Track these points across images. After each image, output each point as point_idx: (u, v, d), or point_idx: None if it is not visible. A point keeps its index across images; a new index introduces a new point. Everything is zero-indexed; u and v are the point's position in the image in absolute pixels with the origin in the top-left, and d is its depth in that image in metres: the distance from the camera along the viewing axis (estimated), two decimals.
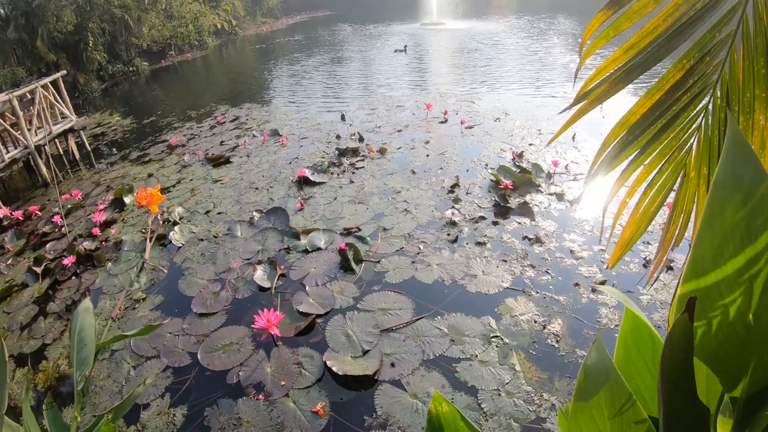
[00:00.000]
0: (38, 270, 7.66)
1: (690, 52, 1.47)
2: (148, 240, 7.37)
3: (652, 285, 5.32)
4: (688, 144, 1.56)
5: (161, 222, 7.98)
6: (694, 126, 1.54)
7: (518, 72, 17.34)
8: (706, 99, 1.52)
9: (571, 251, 6.30)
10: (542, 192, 7.97)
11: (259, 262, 6.77)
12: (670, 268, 5.65)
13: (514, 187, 8.04)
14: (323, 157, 10.33)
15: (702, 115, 1.53)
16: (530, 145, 10.04)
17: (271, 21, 49.45)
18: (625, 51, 1.49)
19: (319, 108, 14.66)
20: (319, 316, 5.62)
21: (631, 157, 1.57)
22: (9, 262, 8.38)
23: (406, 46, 22.98)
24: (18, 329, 6.49)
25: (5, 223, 10.03)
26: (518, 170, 8.68)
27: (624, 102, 8.88)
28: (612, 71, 1.53)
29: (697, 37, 1.46)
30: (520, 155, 9.37)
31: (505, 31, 28.62)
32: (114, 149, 14.05)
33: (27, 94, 12.63)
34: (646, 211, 1.68)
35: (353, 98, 15.51)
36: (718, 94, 1.49)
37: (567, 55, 19.72)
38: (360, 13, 48.03)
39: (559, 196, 7.77)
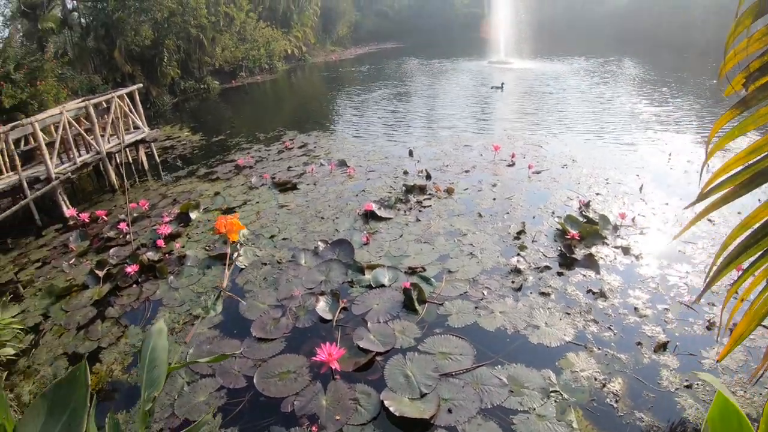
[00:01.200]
0: (100, 273, 7.95)
1: None
2: (226, 268, 7.52)
3: (754, 383, 5.09)
4: None
5: (240, 252, 8.12)
6: None
7: (585, 116, 17.25)
8: None
9: (635, 308, 6.16)
10: (608, 245, 7.84)
11: (322, 293, 6.83)
12: None
13: (580, 238, 7.92)
14: (390, 193, 10.43)
15: None
16: (597, 194, 9.91)
17: (340, 50, 50.79)
18: (748, 154, 1.49)
19: (386, 141, 14.87)
20: (379, 353, 5.60)
21: (752, 259, 1.56)
22: (72, 262, 8.73)
23: (503, 84, 23.09)
24: (75, 328, 6.72)
25: (71, 223, 10.48)
26: (585, 220, 8.56)
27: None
28: (735, 171, 1.52)
29: None
30: (587, 204, 9.25)
31: (572, 73, 28.64)
32: (182, 163, 14.60)
33: (103, 102, 13.27)
34: (759, 311, 1.66)
35: (420, 134, 15.68)
36: None
37: (634, 101, 19.53)
38: (427, 47, 48.83)
39: (625, 250, 7.62)
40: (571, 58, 35.89)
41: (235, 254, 8.01)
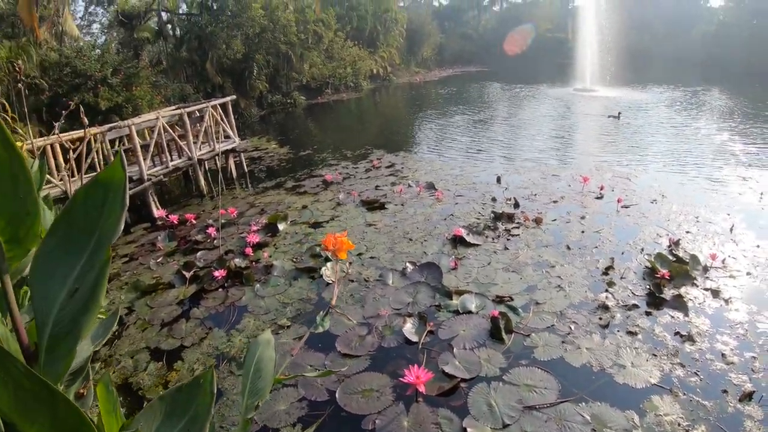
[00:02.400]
0: (187, 274, 8.23)
1: None
2: (335, 285, 7.57)
3: None
4: None
5: (348, 270, 8.21)
6: None
7: (673, 149, 16.73)
8: None
9: (723, 354, 5.87)
10: (698, 286, 7.51)
11: (409, 315, 6.82)
12: None
13: (669, 278, 7.63)
14: (478, 219, 10.36)
15: None
16: (687, 232, 9.52)
17: (424, 71, 51.44)
18: None
19: (472, 167, 14.83)
20: (463, 380, 5.54)
21: None
22: (159, 260, 9.11)
23: (620, 113, 22.86)
24: (159, 325, 6.97)
25: (159, 223, 10.93)
26: (674, 259, 8.25)
27: None
28: None
29: None
30: (677, 243, 8.90)
31: (659, 102, 27.90)
32: (269, 175, 15.06)
33: (197, 111, 13.84)
34: None
35: (507, 161, 15.58)
36: None
37: (723, 135, 18.73)
38: (510, 72, 48.70)
39: (715, 293, 7.28)
40: (656, 86, 35.14)
41: (344, 272, 8.12)
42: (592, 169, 13.95)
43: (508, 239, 9.32)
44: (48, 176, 9.09)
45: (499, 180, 13.01)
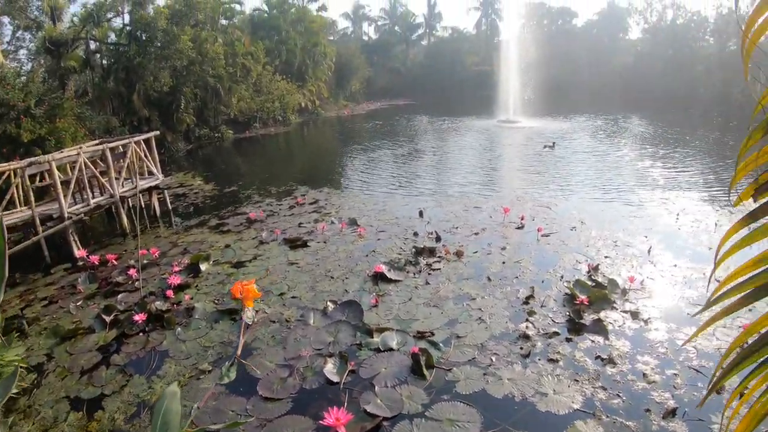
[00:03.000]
0: (107, 319, 8.05)
1: None
2: (241, 336, 7.44)
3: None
4: None
5: (255, 319, 8.12)
6: None
7: (594, 176, 17.64)
8: None
9: (644, 374, 6.21)
10: (617, 309, 7.91)
11: (330, 355, 6.88)
12: None
13: (589, 303, 7.99)
14: (400, 254, 10.53)
15: None
16: (606, 257, 10.02)
17: (353, 105, 52.00)
18: (756, 263, 1.57)
19: (396, 201, 15.10)
20: (386, 418, 5.63)
21: (753, 366, 1.68)
22: (79, 304, 8.87)
23: (554, 143, 23.69)
24: (78, 372, 6.79)
25: (80, 264, 10.64)
26: (593, 284, 8.65)
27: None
28: (742, 280, 1.60)
29: None
30: (596, 268, 9.34)
31: (580, 131, 29.34)
32: (194, 212, 14.89)
33: (120, 146, 13.57)
34: (759, 411, 1.76)
35: (430, 194, 15.92)
36: None
37: (641, 160, 19.98)
38: (437, 104, 50.04)
39: (634, 315, 7.69)
40: (578, 115, 36.90)
41: (251, 322, 8.04)
42: (513, 200, 14.44)
43: (429, 274, 9.52)
44: None
45: (421, 214, 13.27)
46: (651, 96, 43.29)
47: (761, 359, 1.62)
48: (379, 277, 9.27)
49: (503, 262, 9.97)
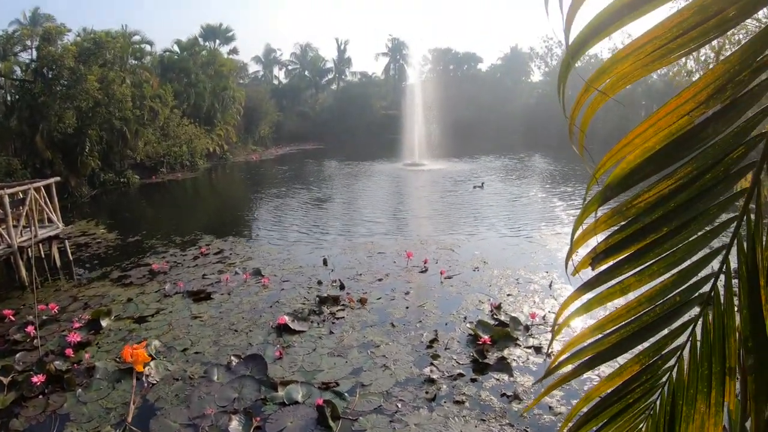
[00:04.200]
0: (4, 381, 7.69)
1: (646, 351, 1.73)
2: (131, 402, 7.26)
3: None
4: None
5: (146, 384, 7.77)
6: (644, 416, 1.81)
7: (496, 216, 18.38)
8: (656, 396, 1.76)
9: (550, 407, 6.54)
10: (520, 345, 8.28)
11: (235, 411, 6.91)
12: None
13: (492, 342, 8.30)
14: (304, 304, 10.61)
15: (650, 409, 1.78)
16: (508, 295, 10.47)
17: (262, 149, 51.67)
18: (592, 331, 1.69)
19: (301, 248, 15.18)
20: None
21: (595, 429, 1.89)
22: None
23: (483, 183, 24.42)
24: None
25: None
26: (496, 323, 9.03)
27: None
28: (580, 347, 1.74)
29: (655, 340, 1.85)
30: (498, 307, 9.74)
31: (483, 171, 30.50)
32: (96, 263, 14.35)
33: (20, 192, 12.96)
34: None
35: (336, 240, 16.07)
36: (666, 392, 1.73)
37: (542, 197, 21.21)
38: (346, 149, 50.73)
39: (537, 349, 8.09)
40: (482, 156, 38.34)
41: (146, 368, 7.91)
42: (417, 243, 14.79)
43: (333, 323, 9.66)
44: None
45: (325, 262, 13.39)
46: (552, 134, 45.73)
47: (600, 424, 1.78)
48: (283, 329, 9.34)
49: (407, 307, 10.21)
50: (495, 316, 9.49)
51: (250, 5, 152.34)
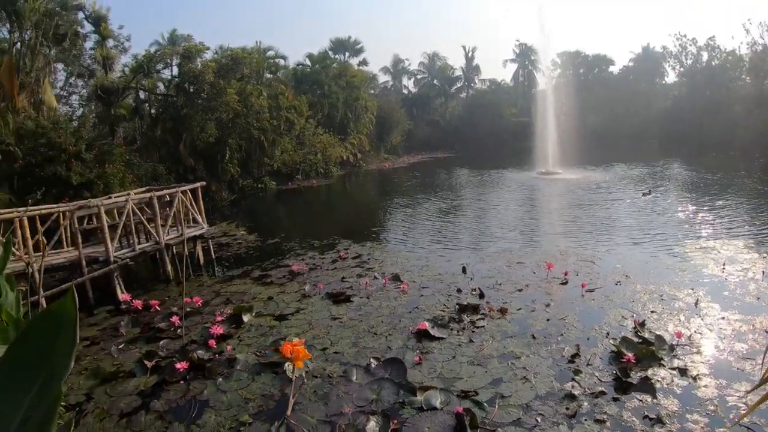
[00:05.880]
0: (149, 364, 8.19)
1: None
2: (291, 396, 7.35)
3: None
4: None
5: (305, 380, 7.90)
6: None
7: (636, 228, 17.44)
8: None
9: None
10: (665, 366, 7.69)
11: (373, 413, 6.82)
12: None
13: (636, 361, 7.78)
14: (443, 311, 10.43)
15: None
16: (652, 312, 9.78)
17: (393, 158, 52.73)
18: None
19: (438, 257, 15.05)
20: None
21: None
22: (121, 347, 9.05)
23: (650, 190, 23.92)
24: (117, 415, 6.89)
25: (123, 307, 10.86)
26: (640, 341, 8.44)
27: None
28: None
29: None
30: (642, 324, 9.11)
31: (620, 181, 29.25)
32: (237, 262, 15.19)
33: (167, 195, 13.97)
34: None
35: (472, 249, 15.84)
36: None
37: (683, 208, 19.84)
38: (477, 157, 50.53)
39: (682, 371, 7.47)
40: (617, 165, 36.86)
41: (286, 364, 8.04)
42: (556, 255, 14.23)
43: (473, 331, 9.39)
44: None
45: (464, 270, 13.16)
46: (690, 140, 42.84)
47: None
48: (422, 335, 9.19)
49: (548, 319, 9.82)
50: (639, 334, 8.82)
51: (375, 17, 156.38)
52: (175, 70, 30.29)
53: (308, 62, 48.12)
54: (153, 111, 30.95)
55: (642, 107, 58.14)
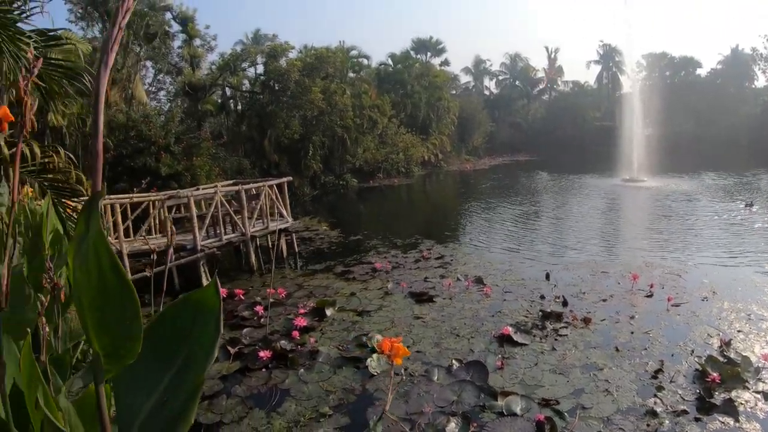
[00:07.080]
0: (231, 350, 8.49)
1: None
2: (390, 392, 7.47)
3: None
4: None
5: (404, 377, 7.92)
6: None
7: (723, 242, 16.67)
8: None
9: None
10: (749, 389, 7.31)
11: (453, 414, 6.80)
12: None
13: (720, 381, 7.46)
14: (526, 317, 10.30)
15: None
16: (738, 331, 9.30)
17: (474, 159, 52.63)
18: None
19: (520, 262, 14.89)
20: None
21: None
22: None
23: (752, 201, 23.10)
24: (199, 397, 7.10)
25: None
26: (725, 360, 8.07)
27: None
28: None
29: None
30: (728, 343, 8.68)
31: (706, 191, 28.07)
32: (319, 257, 15.54)
33: (254, 189, 14.45)
34: None
35: (556, 256, 15.55)
36: None
37: None
38: (559, 161, 49.48)
39: (767, 396, 7.10)
40: (705, 173, 35.37)
41: (369, 359, 8.14)
42: (641, 266, 13.77)
43: (556, 339, 9.23)
44: None
45: (548, 276, 12.96)
46: None
47: None
48: (505, 339, 9.09)
49: (632, 332, 9.50)
50: (724, 353, 8.40)
51: (456, 17, 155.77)
52: (260, 68, 31.43)
53: (390, 62, 48.83)
54: (239, 107, 32.21)
55: (730, 113, 55.45)
